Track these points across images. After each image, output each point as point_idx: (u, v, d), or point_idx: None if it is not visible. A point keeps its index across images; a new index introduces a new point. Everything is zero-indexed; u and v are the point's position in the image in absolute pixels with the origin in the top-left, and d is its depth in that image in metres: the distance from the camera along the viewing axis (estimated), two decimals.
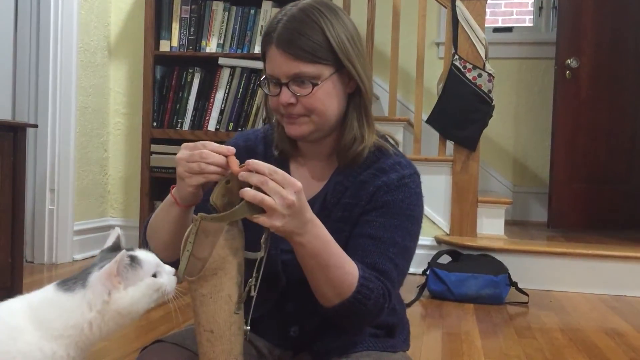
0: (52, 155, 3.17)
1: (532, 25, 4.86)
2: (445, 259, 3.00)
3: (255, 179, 0.95)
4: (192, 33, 3.17)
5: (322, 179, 1.21)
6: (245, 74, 3.12)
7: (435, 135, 3.54)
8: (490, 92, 3.29)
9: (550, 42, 4.38)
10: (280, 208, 0.94)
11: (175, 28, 3.17)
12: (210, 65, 3.15)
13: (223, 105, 3.14)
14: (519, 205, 4.59)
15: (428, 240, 3.35)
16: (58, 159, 3.19)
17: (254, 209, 0.95)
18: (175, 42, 3.18)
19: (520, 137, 4.71)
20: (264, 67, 1.15)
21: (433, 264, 2.88)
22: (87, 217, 3.44)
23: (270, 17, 2.97)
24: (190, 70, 3.18)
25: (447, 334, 2.31)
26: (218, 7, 3.16)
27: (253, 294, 1.01)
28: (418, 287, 2.86)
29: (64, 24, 3.19)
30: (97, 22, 3.46)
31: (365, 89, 1.16)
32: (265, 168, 0.95)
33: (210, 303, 0.97)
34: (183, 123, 3.18)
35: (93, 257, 1.07)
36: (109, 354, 1.88)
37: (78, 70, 3.28)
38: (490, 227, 3.44)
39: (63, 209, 3.22)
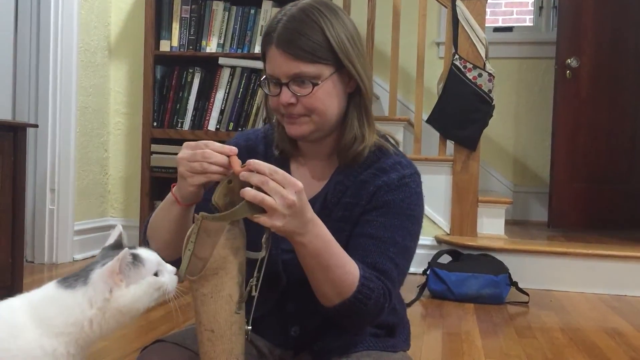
0: (52, 155, 3.17)
1: (532, 25, 4.86)
2: (446, 259, 3.00)
3: (256, 179, 0.95)
4: (192, 33, 3.17)
5: (322, 179, 1.21)
6: (246, 74, 3.12)
7: (436, 135, 3.54)
8: (491, 91, 3.29)
9: (551, 41, 4.38)
10: (281, 208, 0.94)
11: (176, 28, 3.17)
12: (211, 65, 3.16)
13: (223, 105, 3.14)
14: (519, 205, 4.59)
15: (428, 240, 3.35)
16: (58, 159, 3.19)
17: (255, 209, 0.95)
18: (176, 42, 3.18)
19: (521, 136, 4.71)
20: (264, 67, 1.15)
21: (433, 264, 2.88)
22: (87, 217, 3.44)
23: (271, 17, 2.97)
24: (191, 70, 3.18)
25: (447, 334, 2.31)
26: (218, 7, 3.16)
27: (254, 294, 1.01)
28: (418, 286, 2.86)
29: (64, 24, 3.19)
30: (97, 22, 3.46)
31: (366, 89, 1.16)
32: (266, 168, 0.95)
33: (211, 302, 0.97)
34: (183, 123, 3.18)
35: (93, 257, 1.07)
36: (110, 354, 1.88)
37: (78, 70, 3.28)
38: (491, 226, 3.44)
39: (63, 209, 3.22)
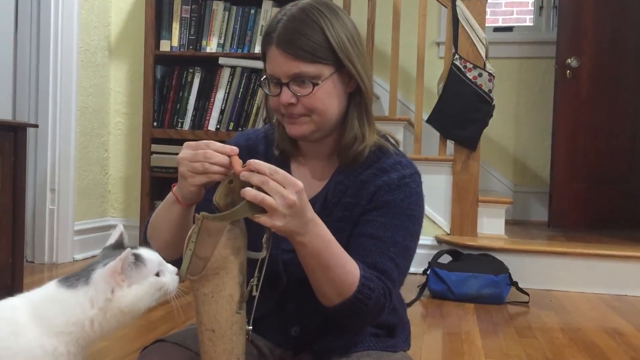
0: (52, 155, 3.17)
1: (532, 25, 4.86)
2: (446, 259, 3.00)
3: (256, 179, 0.95)
4: (192, 33, 3.17)
5: (322, 179, 1.21)
6: (246, 74, 3.12)
7: (436, 135, 3.54)
8: (491, 91, 3.29)
9: (551, 41, 4.38)
10: (281, 208, 0.94)
11: (176, 28, 3.18)
12: (211, 65, 3.16)
13: (223, 105, 3.14)
14: (520, 205, 4.59)
15: (428, 240, 3.35)
16: (58, 159, 3.19)
17: (255, 209, 0.95)
18: (176, 41, 3.18)
19: (521, 136, 4.71)
20: (264, 67, 1.15)
21: (433, 264, 2.88)
22: (87, 217, 3.44)
23: (271, 16, 2.97)
24: (191, 70, 3.18)
25: (447, 334, 2.31)
26: (218, 6, 3.16)
27: (255, 294, 1.01)
28: (418, 286, 2.86)
29: (65, 24, 3.19)
30: (97, 22, 3.46)
31: (366, 88, 1.16)
32: (266, 168, 0.95)
33: (212, 302, 0.97)
34: (183, 123, 3.18)
35: (93, 257, 1.07)
36: (110, 354, 1.88)
37: (78, 70, 3.28)
38: (491, 226, 3.44)
39: (63, 209, 3.22)
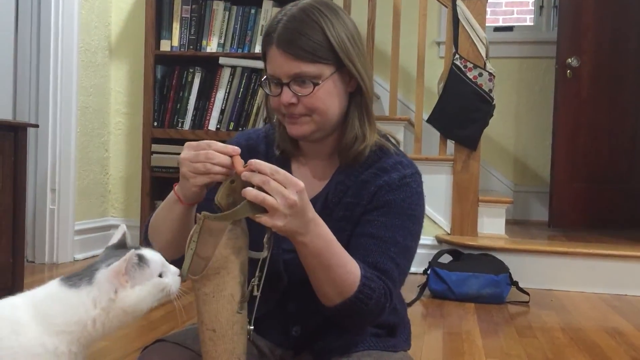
0: (53, 155, 3.17)
1: (532, 25, 4.85)
2: (446, 259, 3.00)
3: (257, 179, 0.95)
4: (192, 33, 3.17)
5: (323, 179, 1.21)
6: (246, 74, 3.12)
7: (436, 135, 3.54)
8: (491, 91, 3.29)
9: (551, 41, 4.38)
10: (282, 208, 0.94)
11: (176, 28, 3.18)
12: (211, 65, 3.16)
13: (224, 105, 3.14)
14: (520, 205, 4.59)
15: (429, 240, 3.35)
16: (59, 159, 3.19)
17: (256, 209, 0.95)
18: (176, 41, 3.18)
19: (521, 136, 4.71)
20: (265, 67, 1.15)
21: (434, 264, 2.87)
22: (88, 216, 3.44)
23: (271, 16, 2.97)
24: (191, 70, 3.18)
25: (448, 334, 2.31)
26: (218, 6, 3.16)
27: (256, 294, 1.01)
28: (419, 286, 2.86)
29: (65, 24, 3.19)
30: (97, 22, 3.46)
31: (366, 88, 1.16)
32: (267, 168, 0.95)
33: (213, 302, 0.97)
34: (184, 123, 3.18)
35: (94, 256, 1.07)
36: (110, 354, 1.88)
37: (79, 70, 3.28)
38: (491, 226, 3.43)
39: (64, 209, 3.22)
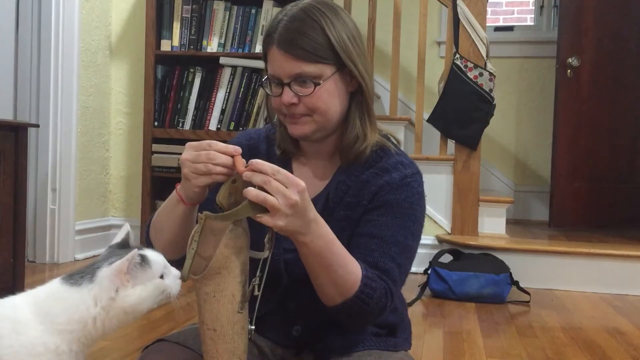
0: (53, 155, 3.18)
1: (533, 24, 4.85)
2: (447, 258, 3.00)
3: (259, 179, 0.95)
4: (193, 32, 3.17)
5: (324, 178, 1.21)
6: (247, 74, 3.12)
7: (437, 135, 3.54)
8: (492, 91, 3.29)
9: (552, 40, 4.38)
10: (283, 208, 0.94)
11: (177, 27, 3.18)
12: (212, 65, 3.16)
13: (224, 105, 3.14)
14: (521, 204, 4.58)
15: (429, 240, 3.35)
16: (59, 159, 3.19)
17: (258, 209, 0.95)
18: (177, 41, 3.18)
19: (522, 135, 4.71)
20: (266, 67, 1.15)
21: (434, 263, 2.88)
22: (88, 216, 3.44)
23: (271, 16, 2.97)
24: (192, 70, 3.18)
25: (448, 333, 2.31)
26: (219, 6, 3.16)
27: (257, 293, 1.01)
28: (419, 286, 2.86)
29: (65, 24, 3.19)
30: (98, 22, 3.46)
31: (367, 88, 1.16)
32: (268, 168, 0.95)
33: (214, 302, 0.97)
34: (184, 122, 3.19)
35: (94, 256, 1.07)
36: (111, 354, 1.88)
37: (79, 70, 3.28)
38: (492, 226, 3.43)
39: (65, 209, 3.22)
